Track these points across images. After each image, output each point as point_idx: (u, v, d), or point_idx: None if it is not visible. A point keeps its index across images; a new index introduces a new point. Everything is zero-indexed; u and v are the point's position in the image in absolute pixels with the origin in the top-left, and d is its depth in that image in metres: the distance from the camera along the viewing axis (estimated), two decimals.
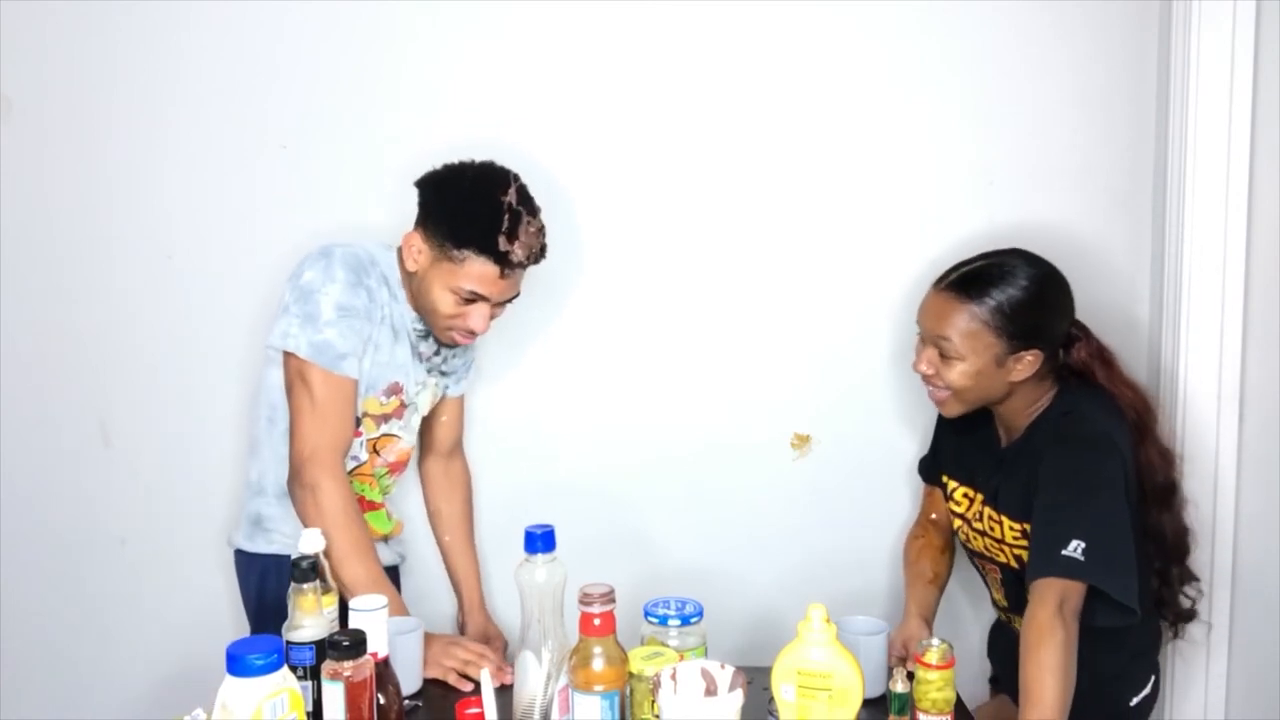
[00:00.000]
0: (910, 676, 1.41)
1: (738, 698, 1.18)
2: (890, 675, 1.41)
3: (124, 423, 2.10)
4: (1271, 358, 1.91)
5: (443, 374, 1.86)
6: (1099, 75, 1.97)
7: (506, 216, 1.62)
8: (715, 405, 2.08)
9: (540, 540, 1.38)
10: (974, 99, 1.99)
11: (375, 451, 1.77)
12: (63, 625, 2.15)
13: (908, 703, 1.39)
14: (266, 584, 1.72)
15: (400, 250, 1.72)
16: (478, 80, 2.00)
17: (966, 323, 1.60)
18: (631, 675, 1.32)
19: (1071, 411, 1.62)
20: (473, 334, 1.71)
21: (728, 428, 2.07)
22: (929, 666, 1.37)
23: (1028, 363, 1.61)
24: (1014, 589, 1.71)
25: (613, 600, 1.29)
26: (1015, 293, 1.59)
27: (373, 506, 1.81)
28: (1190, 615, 1.79)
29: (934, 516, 1.88)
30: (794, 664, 1.25)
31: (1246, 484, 1.92)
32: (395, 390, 1.74)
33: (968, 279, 1.62)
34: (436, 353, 1.81)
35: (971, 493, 1.77)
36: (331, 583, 1.45)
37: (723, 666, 1.22)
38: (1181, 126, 1.87)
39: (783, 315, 2.05)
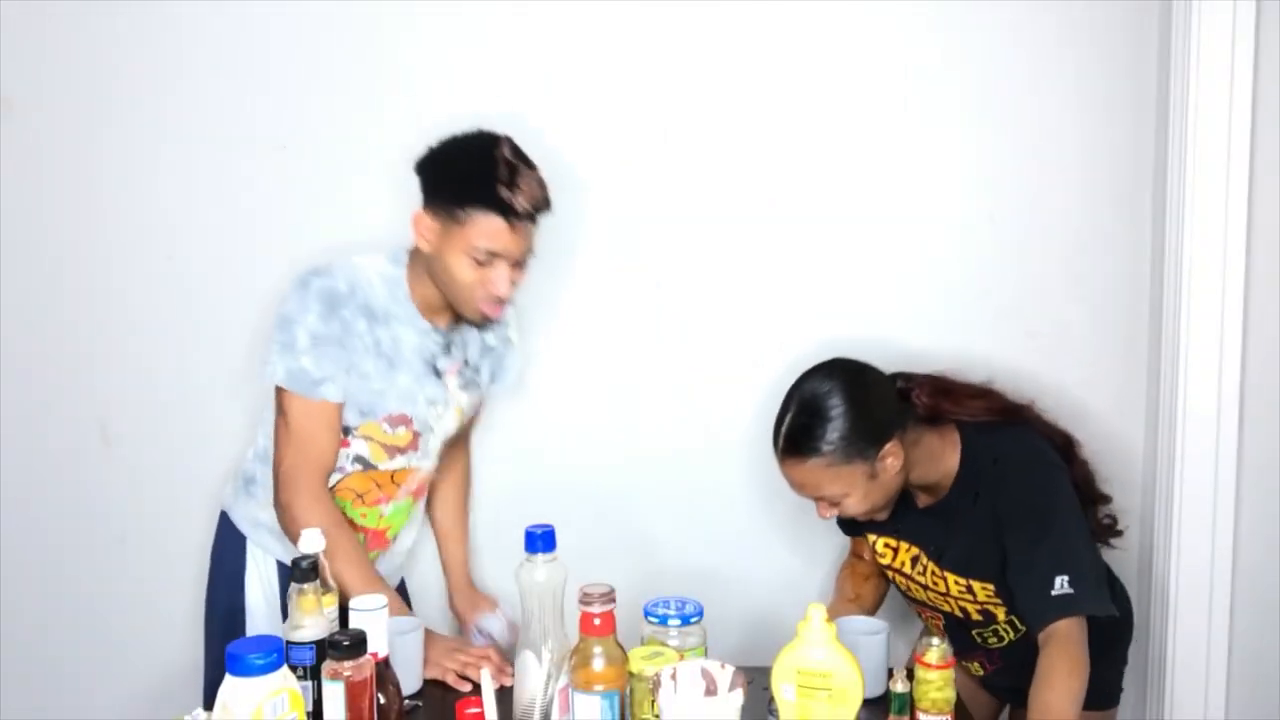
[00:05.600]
0: (910, 676, 1.41)
1: (738, 698, 1.18)
2: (890, 675, 1.41)
3: (124, 423, 2.10)
4: (1271, 358, 1.91)
5: (475, 383, 1.83)
6: (1099, 76, 1.97)
7: (503, 167, 1.62)
8: (716, 404, 2.07)
9: (540, 540, 1.38)
10: (975, 100, 1.99)
11: (394, 483, 1.75)
12: (63, 625, 2.15)
13: (908, 703, 1.39)
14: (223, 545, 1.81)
15: (409, 254, 1.70)
16: (479, 78, 2.00)
17: (821, 473, 1.59)
18: (631, 675, 1.33)
19: (998, 458, 1.63)
20: (499, 302, 1.67)
21: (729, 427, 2.07)
22: (929, 666, 1.37)
23: (893, 456, 1.60)
24: (956, 634, 1.72)
25: (613, 600, 1.30)
26: (837, 420, 1.57)
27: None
28: (1116, 533, 1.81)
29: (861, 554, 1.90)
30: (794, 664, 1.25)
31: (1246, 484, 1.92)
32: (402, 421, 1.70)
33: (791, 440, 1.60)
34: (466, 363, 1.79)
35: (894, 543, 1.76)
36: (331, 583, 1.45)
37: (723, 666, 1.22)
38: (1181, 127, 1.87)
39: (782, 314, 2.05)
